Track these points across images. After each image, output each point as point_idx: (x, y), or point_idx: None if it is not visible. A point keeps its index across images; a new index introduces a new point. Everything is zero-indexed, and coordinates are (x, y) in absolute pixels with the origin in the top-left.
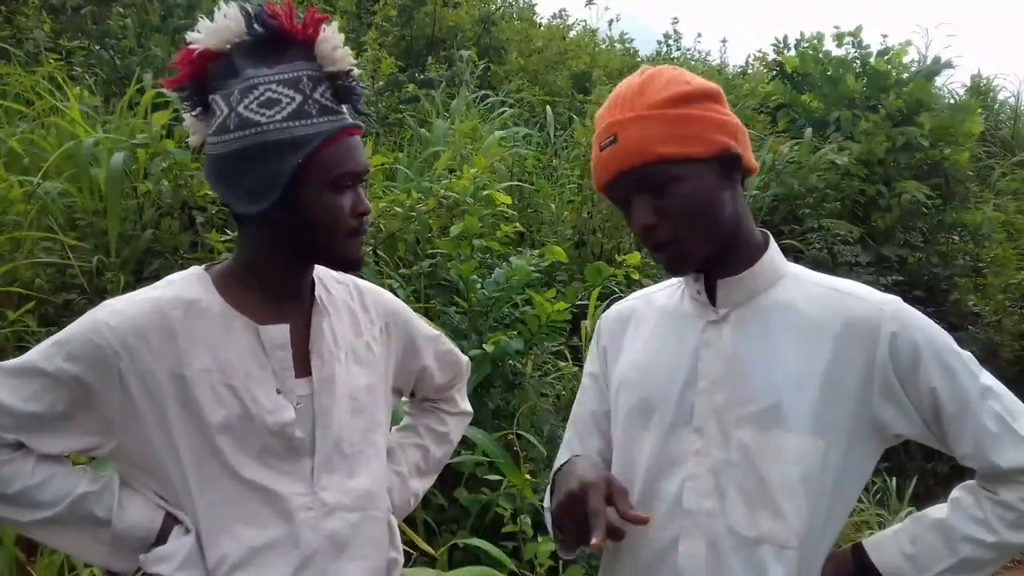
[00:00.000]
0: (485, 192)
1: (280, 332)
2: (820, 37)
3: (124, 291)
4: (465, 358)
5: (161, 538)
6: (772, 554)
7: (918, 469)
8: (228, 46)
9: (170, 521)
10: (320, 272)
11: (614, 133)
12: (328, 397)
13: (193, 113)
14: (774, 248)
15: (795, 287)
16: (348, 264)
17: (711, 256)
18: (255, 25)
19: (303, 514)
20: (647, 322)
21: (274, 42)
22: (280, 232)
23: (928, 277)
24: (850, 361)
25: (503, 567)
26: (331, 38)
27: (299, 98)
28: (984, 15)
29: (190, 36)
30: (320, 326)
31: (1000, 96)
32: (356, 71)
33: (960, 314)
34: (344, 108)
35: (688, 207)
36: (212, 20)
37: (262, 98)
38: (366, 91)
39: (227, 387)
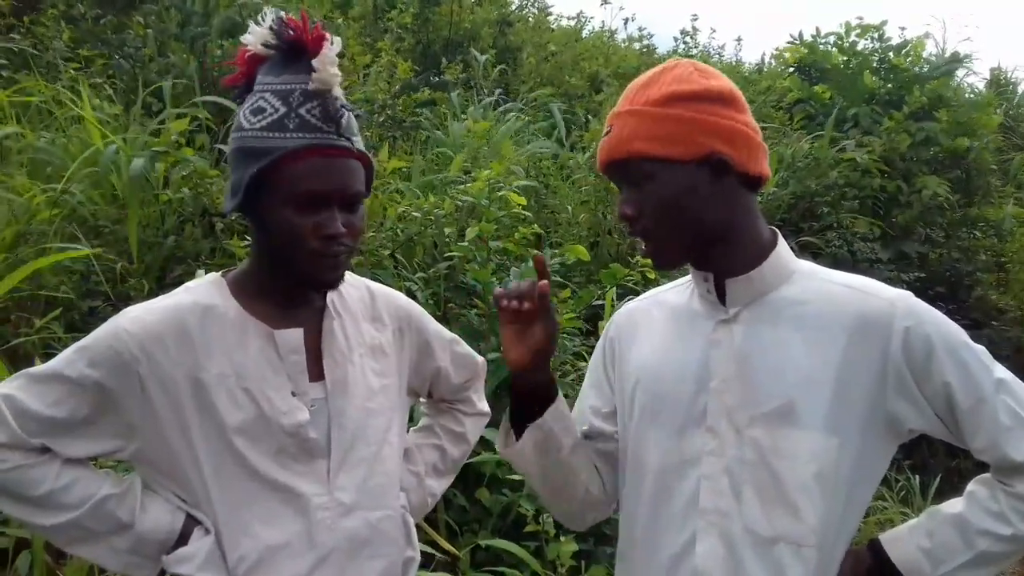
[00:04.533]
0: (500, 193)
1: (294, 336)
2: (848, 28)
3: (148, 296)
4: (481, 359)
5: (182, 539)
6: (790, 553)
7: (942, 466)
8: (271, 51)
9: (191, 522)
10: None
11: (612, 124)
12: (342, 398)
13: None
14: (783, 246)
15: (806, 284)
16: (315, 285)
17: (691, 255)
18: (274, 36)
19: (320, 514)
20: (657, 321)
21: (294, 53)
22: (261, 242)
23: (950, 273)
24: (863, 357)
25: (526, 567)
26: (327, 56)
27: (283, 110)
28: (1004, 5)
29: (244, 38)
30: (332, 329)
31: (1021, 88)
32: (340, 93)
33: (984, 310)
34: (332, 128)
35: (661, 206)
36: (249, 29)
37: (254, 105)
38: (361, 115)
39: (243, 391)
